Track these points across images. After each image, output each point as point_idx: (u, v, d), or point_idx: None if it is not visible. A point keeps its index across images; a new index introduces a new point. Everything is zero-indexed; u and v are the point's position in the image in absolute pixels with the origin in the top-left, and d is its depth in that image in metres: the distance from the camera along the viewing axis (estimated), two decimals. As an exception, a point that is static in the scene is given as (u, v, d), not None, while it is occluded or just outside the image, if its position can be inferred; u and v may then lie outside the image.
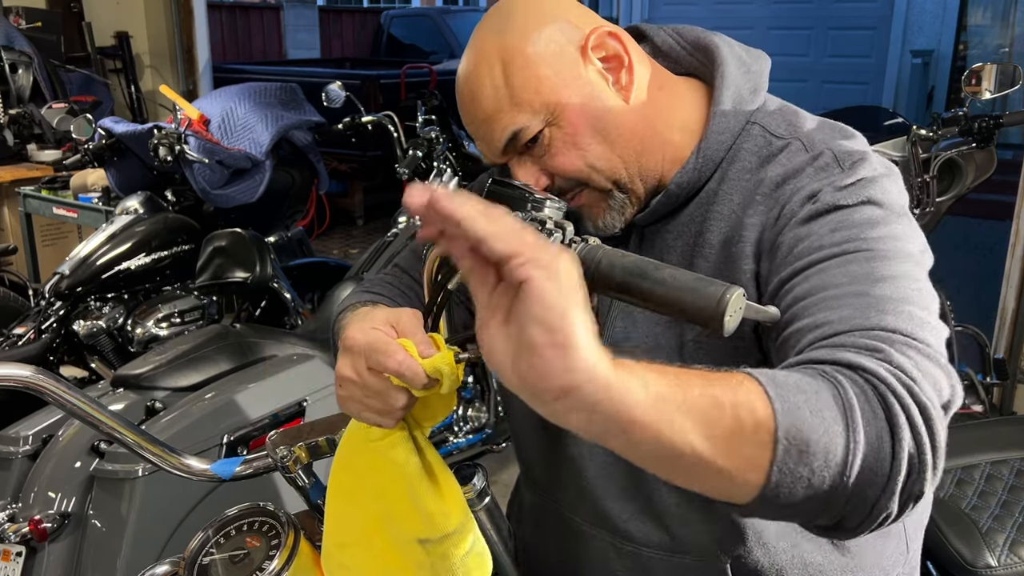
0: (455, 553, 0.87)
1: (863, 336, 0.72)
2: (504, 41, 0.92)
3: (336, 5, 12.22)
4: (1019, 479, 1.58)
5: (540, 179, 0.95)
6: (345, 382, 0.82)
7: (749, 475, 0.63)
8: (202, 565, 0.95)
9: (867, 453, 0.64)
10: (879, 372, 0.67)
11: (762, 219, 0.91)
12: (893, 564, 1.05)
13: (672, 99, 0.99)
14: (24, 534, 1.62)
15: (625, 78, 0.95)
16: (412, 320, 0.83)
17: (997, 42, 7.74)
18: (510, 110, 0.92)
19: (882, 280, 0.77)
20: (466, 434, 2.88)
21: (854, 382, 0.66)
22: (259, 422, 1.88)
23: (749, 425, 0.62)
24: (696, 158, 0.96)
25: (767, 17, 8.53)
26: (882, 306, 0.75)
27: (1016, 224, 3.09)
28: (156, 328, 2.86)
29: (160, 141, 2.93)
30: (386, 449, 0.85)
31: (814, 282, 0.80)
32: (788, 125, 0.96)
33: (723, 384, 0.64)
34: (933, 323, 0.76)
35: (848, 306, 0.75)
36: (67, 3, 5.04)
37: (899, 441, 0.64)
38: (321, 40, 11.02)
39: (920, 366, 0.70)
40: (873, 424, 0.64)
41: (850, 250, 0.81)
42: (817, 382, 0.66)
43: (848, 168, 0.89)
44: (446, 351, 0.80)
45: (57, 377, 1.03)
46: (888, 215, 0.85)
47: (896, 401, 0.65)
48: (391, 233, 3.05)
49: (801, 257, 0.83)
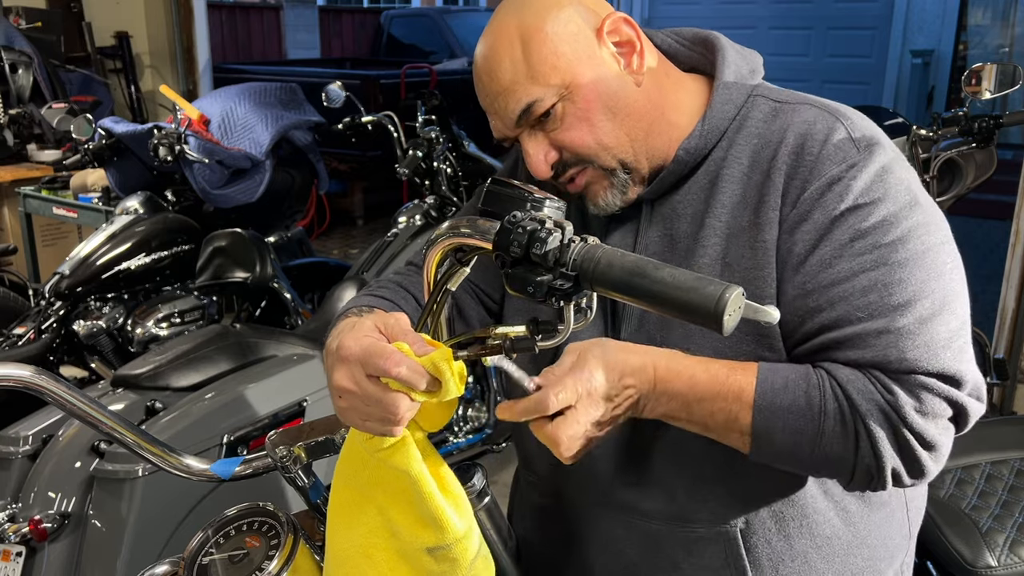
0: (466, 557, 0.87)
1: (884, 376, 0.88)
2: (524, 20, 0.97)
3: (336, 5, 12.20)
4: (1019, 479, 1.58)
5: (549, 153, 0.99)
6: (344, 393, 0.82)
7: (742, 447, 0.92)
8: (202, 565, 0.95)
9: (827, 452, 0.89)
10: (868, 418, 0.87)
11: (784, 184, 0.94)
12: (897, 547, 1.07)
13: (678, 86, 1.04)
14: (24, 534, 1.62)
15: (636, 62, 0.99)
16: (400, 322, 0.84)
17: (997, 42, 7.74)
18: (526, 83, 0.95)
19: (899, 309, 0.88)
20: (466, 434, 2.88)
21: (842, 415, 0.88)
22: (259, 422, 1.88)
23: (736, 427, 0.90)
24: (703, 125, 1.00)
25: (768, 17, 8.54)
26: (902, 343, 0.87)
27: (1016, 224, 3.09)
28: (156, 328, 2.87)
29: (160, 141, 2.94)
30: (390, 457, 0.84)
31: (839, 312, 0.90)
32: (791, 94, 1.02)
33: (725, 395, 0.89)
34: (950, 336, 0.89)
35: (871, 347, 0.88)
36: (67, 3, 5.04)
37: (858, 462, 0.89)
38: (321, 40, 11.01)
39: (925, 406, 0.87)
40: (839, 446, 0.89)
41: (867, 266, 0.89)
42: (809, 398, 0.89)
43: (864, 150, 0.93)
44: (443, 347, 0.80)
45: (57, 377, 1.03)
46: (899, 211, 0.91)
47: (868, 440, 0.88)
48: (391, 233, 3.05)
49: (822, 270, 0.91)
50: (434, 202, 3.07)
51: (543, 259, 0.76)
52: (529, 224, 0.78)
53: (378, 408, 0.80)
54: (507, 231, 0.79)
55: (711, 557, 1.02)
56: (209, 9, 5.61)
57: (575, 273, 0.76)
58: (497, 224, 0.81)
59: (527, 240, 0.77)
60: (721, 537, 1.01)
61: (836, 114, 0.97)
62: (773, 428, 0.89)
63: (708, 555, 1.02)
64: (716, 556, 1.02)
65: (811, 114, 0.97)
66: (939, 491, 1.56)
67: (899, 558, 1.08)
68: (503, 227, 0.79)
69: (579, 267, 0.76)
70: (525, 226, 0.78)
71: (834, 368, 0.90)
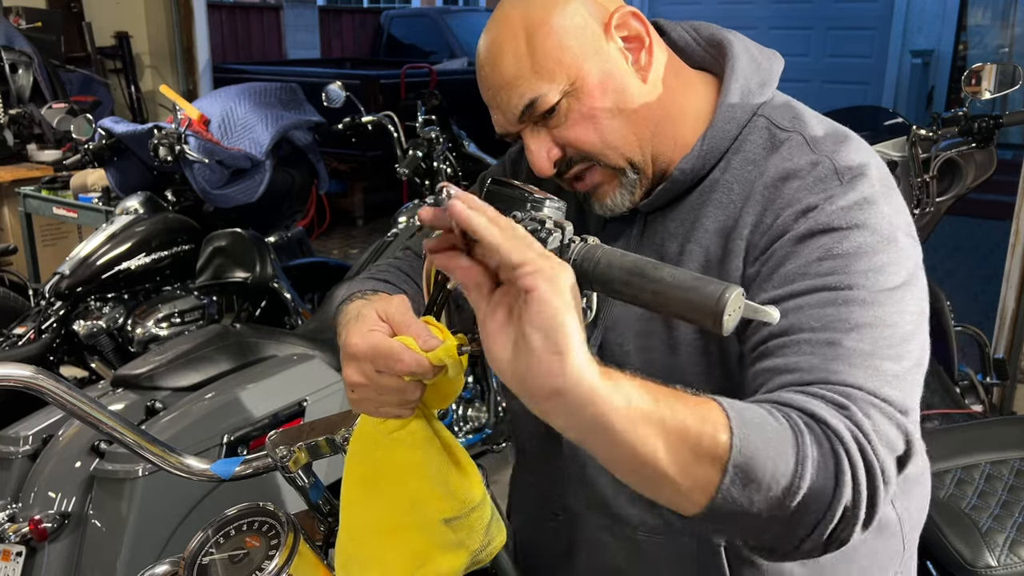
0: (481, 523, 0.90)
1: (831, 390, 0.78)
2: (529, 12, 0.93)
3: (336, 5, 12.20)
4: (1019, 479, 1.58)
5: (552, 150, 0.96)
6: (357, 387, 0.84)
7: (697, 495, 0.71)
8: (202, 565, 0.95)
9: (807, 497, 0.71)
10: (839, 429, 0.73)
11: (756, 217, 0.92)
12: (890, 560, 1.05)
13: (686, 88, 1.00)
14: (24, 534, 1.62)
15: (644, 59, 0.96)
16: (402, 309, 0.85)
17: (997, 42, 7.74)
18: (530, 77, 0.92)
19: (856, 329, 0.81)
20: (466, 434, 2.88)
21: (814, 434, 0.73)
22: (259, 422, 1.88)
23: (707, 453, 0.69)
24: (701, 145, 0.97)
25: (768, 17, 8.54)
26: (852, 360, 0.79)
27: (1016, 224, 3.09)
28: (156, 328, 2.87)
29: (160, 141, 2.93)
30: (406, 437, 0.87)
31: (792, 320, 0.83)
32: (793, 119, 0.97)
33: (695, 410, 0.70)
34: (899, 373, 0.81)
35: (820, 355, 0.80)
36: (67, 3, 5.04)
37: (839, 495, 0.72)
38: (321, 40, 11.01)
39: (878, 427, 0.76)
40: (822, 473, 0.72)
41: (831, 285, 0.83)
42: (781, 425, 0.73)
43: (847, 182, 0.89)
44: (449, 340, 0.82)
45: (57, 377, 1.03)
46: (878, 243, 0.86)
47: (847, 459, 0.73)
48: (391, 233, 3.05)
49: (785, 283, 0.86)
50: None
51: (543, 259, 0.76)
52: (529, 224, 0.78)
53: (392, 396, 0.83)
54: (507, 231, 0.79)
55: (694, 572, 1.01)
56: (209, 9, 5.61)
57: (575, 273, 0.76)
58: (497, 224, 0.81)
59: (527, 240, 0.77)
60: (704, 552, 1.00)
61: (825, 149, 0.92)
62: (754, 450, 0.70)
63: (691, 569, 1.02)
64: (700, 571, 1.01)
65: (798, 152, 0.93)
66: (939, 491, 1.56)
67: (891, 569, 1.06)
68: (503, 227, 0.80)
69: (579, 267, 0.76)
70: (525, 226, 0.78)
71: (784, 396, 0.77)
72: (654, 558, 1.04)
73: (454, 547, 0.89)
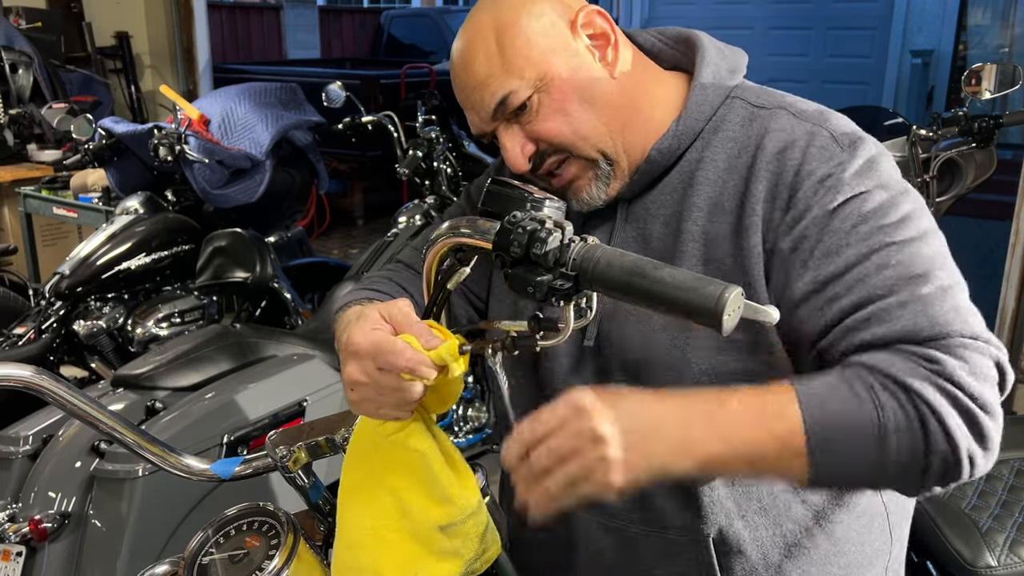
0: (476, 531, 0.90)
1: (922, 346, 0.83)
2: (499, 15, 0.98)
3: (336, 5, 12.20)
4: (1019, 479, 1.58)
5: (526, 145, 0.99)
6: (357, 386, 0.85)
7: (795, 477, 0.83)
8: (202, 565, 0.95)
9: (899, 460, 0.80)
10: (922, 390, 0.80)
11: (768, 191, 0.93)
12: (877, 554, 1.06)
13: (656, 81, 1.04)
14: (24, 534, 1.62)
15: (611, 55, 1.00)
16: (405, 311, 0.86)
17: (997, 42, 7.74)
18: (501, 75, 0.96)
19: (919, 279, 0.86)
20: (466, 434, 2.88)
21: (898, 400, 0.80)
22: (259, 422, 1.88)
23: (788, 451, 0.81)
24: (676, 126, 1.00)
25: (767, 17, 8.53)
26: (929, 311, 0.84)
27: (1016, 224, 3.09)
28: (156, 328, 2.86)
29: (160, 141, 2.93)
30: (404, 440, 0.87)
31: (860, 294, 0.87)
32: (769, 96, 1.01)
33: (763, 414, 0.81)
34: (970, 305, 0.87)
35: (899, 319, 0.85)
36: (67, 3, 5.04)
37: (932, 449, 0.80)
38: (321, 40, 11.00)
39: (974, 366, 0.82)
40: (906, 437, 0.80)
41: (876, 247, 0.88)
42: (860, 403, 0.81)
43: (848, 147, 0.93)
44: (451, 339, 0.82)
45: (57, 377, 1.03)
46: (897, 196, 0.91)
47: (932, 417, 0.80)
48: (391, 233, 3.05)
49: (833, 258, 0.89)
50: (434, 202, 3.07)
51: (543, 259, 0.77)
52: (529, 224, 0.78)
53: (392, 396, 0.84)
54: (507, 231, 0.79)
55: (684, 564, 1.02)
56: (209, 9, 5.62)
57: (575, 273, 0.76)
58: (497, 224, 0.81)
59: (527, 240, 0.78)
60: (694, 545, 1.01)
61: (814, 119, 0.96)
62: (831, 440, 0.80)
63: (681, 562, 1.02)
64: (689, 564, 1.02)
65: (788, 122, 0.96)
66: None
67: (880, 562, 1.06)
68: (503, 227, 0.80)
69: (579, 267, 0.76)
70: (525, 226, 0.78)
71: (867, 359, 0.84)
72: (646, 552, 1.04)
73: (449, 555, 0.89)
